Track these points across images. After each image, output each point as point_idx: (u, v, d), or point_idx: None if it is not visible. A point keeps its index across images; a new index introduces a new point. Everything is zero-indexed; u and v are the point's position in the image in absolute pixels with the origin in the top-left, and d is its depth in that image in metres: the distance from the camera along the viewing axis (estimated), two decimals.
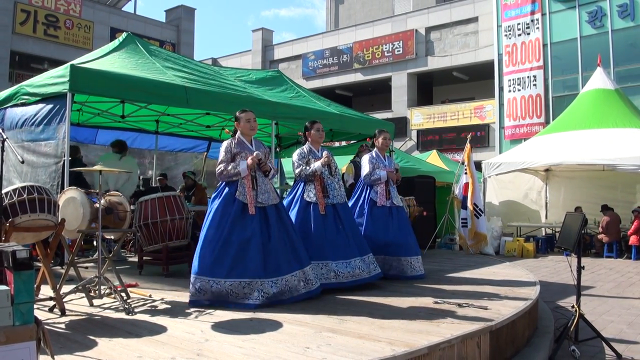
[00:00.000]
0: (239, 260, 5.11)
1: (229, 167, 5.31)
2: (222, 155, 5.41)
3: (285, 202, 6.36)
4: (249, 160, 5.31)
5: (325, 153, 6.24)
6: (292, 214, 6.16)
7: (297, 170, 6.25)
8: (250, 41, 39.30)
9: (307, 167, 6.19)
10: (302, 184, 6.29)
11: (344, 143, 14.41)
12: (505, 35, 26.64)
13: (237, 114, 5.60)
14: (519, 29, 26.16)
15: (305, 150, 6.33)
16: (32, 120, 7.36)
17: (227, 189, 5.37)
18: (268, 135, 10.36)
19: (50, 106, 7.11)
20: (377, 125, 10.47)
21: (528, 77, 25.79)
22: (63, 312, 4.76)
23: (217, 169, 5.40)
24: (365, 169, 7.17)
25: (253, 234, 5.19)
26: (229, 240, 5.15)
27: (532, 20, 25.69)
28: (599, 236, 14.30)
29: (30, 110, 7.49)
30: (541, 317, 6.19)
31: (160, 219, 7.13)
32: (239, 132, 5.56)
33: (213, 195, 5.51)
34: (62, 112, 6.85)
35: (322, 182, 6.20)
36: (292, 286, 5.28)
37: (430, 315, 4.81)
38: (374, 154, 7.28)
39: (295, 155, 6.31)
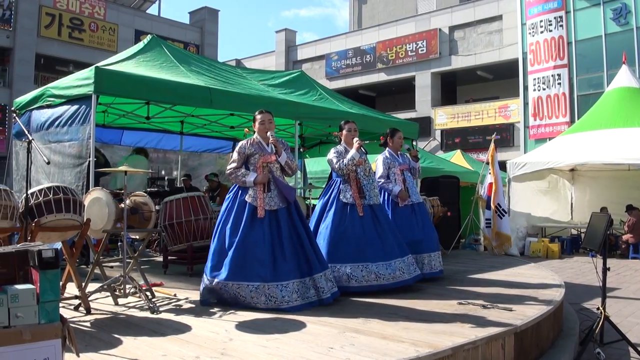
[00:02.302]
0: (247, 263, 5.06)
1: (239, 173, 5.29)
2: (234, 155, 5.40)
3: (320, 204, 6.32)
4: (259, 178, 5.26)
5: (355, 139, 6.13)
6: (329, 215, 6.09)
7: (336, 165, 6.10)
8: (273, 42, 39.46)
9: (344, 160, 6.09)
10: (338, 185, 6.19)
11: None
12: (530, 33, 26.43)
13: (255, 114, 5.58)
14: (542, 27, 25.92)
15: (341, 149, 6.23)
16: (58, 122, 7.46)
17: (240, 192, 5.34)
18: (291, 136, 10.37)
19: (75, 108, 7.19)
20: (400, 125, 10.44)
21: (552, 75, 25.55)
22: (88, 311, 4.81)
23: (227, 169, 5.39)
24: (379, 170, 7.06)
25: (262, 236, 5.14)
26: (240, 243, 5.10)
27: (556, 18, 25.45)
28: (625, 237, 14.10)
29: (56, 111, 7.59)
30: (566, 319, 6.12)
31: (185, 219, 7.17)
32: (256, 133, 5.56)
33: (227, 196, 5.49)
34: (86, 114, 6.93)
35: (359, 183, 6.11)
36: (301, 293, 5.18)
37: (454, 316, 4.78)
38: (387, 154, 7.19)
39: (331, 153, 6.19)
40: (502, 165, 14.08)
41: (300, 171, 12.64)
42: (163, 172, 14.96)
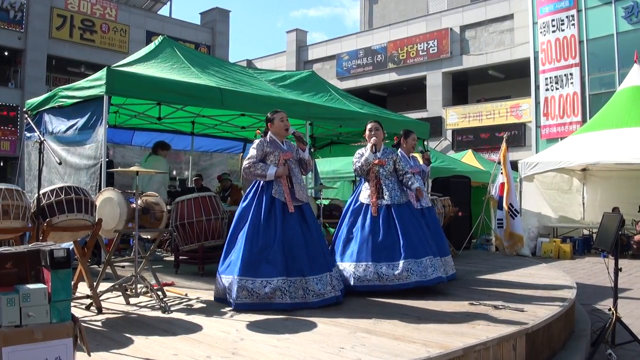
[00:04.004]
0: (288, 257, 5.09)
1: (258, 166, 5.29)
2: (252, 151, 5.40)
3: (347, 203, 6.42)
4: (280, 170, 5.30)
5: (372, 139, 6.15)
6: (347, 215, 6.18)
7: (353, 168, 6.25)
8: (284, 42, 39.49)
9: (359, 162, 6.15)
10: (361, 185, 6.27)
11: None
12: (541, 32, 26.32)
13: (269, 115, 5.60)
14: (553, 26, 25.81)
15: (362, 151, 6.28)
16: (71, 123, 7.51)
17: (263, 188, 5.36)
18: None
19: (88, 109, 7.24)
20: (412, 125, 10.43)
21: (565, 75, 25.42)
22: (100, 310, 4.83)
23: (245, 164, 5.38)
24: None
25: (295, 231, 5.20)
26: (279, 239, 5.12)
27: (568, 17, 25.34)
28: (637, 237, 14.00)
29: (69, 113, 7.64)
30: (577, 320, 6.09)
31: (196, 219, 7.20)
32: (270, 133, 5.56)
33: (247, 192, 5.50)
34: (99, 115, 6.96)
35: (377, 183, 6.10)
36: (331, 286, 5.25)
37: (465, 317, 4.77)
38: (399, 155, 7.19)
39: (355, 155, 6.30)
40: (514, 165, 14.01)
41: (311, 171, 12.64)
42: (174, 173, 15.03)
